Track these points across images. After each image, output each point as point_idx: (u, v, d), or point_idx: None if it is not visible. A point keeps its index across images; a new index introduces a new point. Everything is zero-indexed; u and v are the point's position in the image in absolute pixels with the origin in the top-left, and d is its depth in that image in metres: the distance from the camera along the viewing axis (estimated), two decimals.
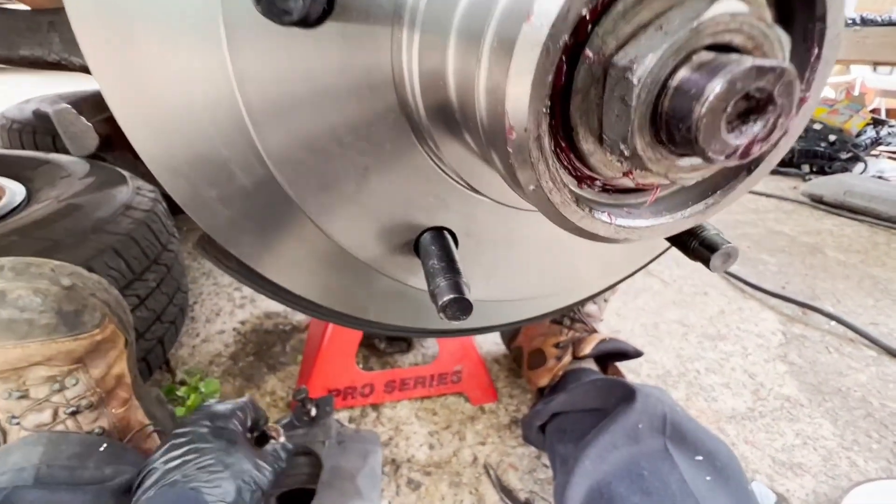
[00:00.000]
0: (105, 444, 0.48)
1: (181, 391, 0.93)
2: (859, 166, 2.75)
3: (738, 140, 0.13)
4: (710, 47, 0.13)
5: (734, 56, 0.12)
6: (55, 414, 0.48)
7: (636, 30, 0.17)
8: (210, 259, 0.39)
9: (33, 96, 2.00)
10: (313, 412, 0.71)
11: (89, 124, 0.27)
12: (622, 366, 0.95)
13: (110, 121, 0.27)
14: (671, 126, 0.14)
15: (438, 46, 0.24)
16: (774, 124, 0.13)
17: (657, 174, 0.17)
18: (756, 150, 0.13)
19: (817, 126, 2.86)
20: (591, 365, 0.93)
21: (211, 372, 1.03)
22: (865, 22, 2.33)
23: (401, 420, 0.93)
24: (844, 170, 2.74)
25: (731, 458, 0.68)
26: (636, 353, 0.92)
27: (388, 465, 0.83)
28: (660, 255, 0.53)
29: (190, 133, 0.29)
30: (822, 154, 2.84)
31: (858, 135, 2.82)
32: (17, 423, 0.47)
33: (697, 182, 0.21)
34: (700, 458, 0.67)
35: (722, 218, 2.16)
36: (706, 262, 0.20)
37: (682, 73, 0.14)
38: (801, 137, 2.94)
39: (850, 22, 2.37)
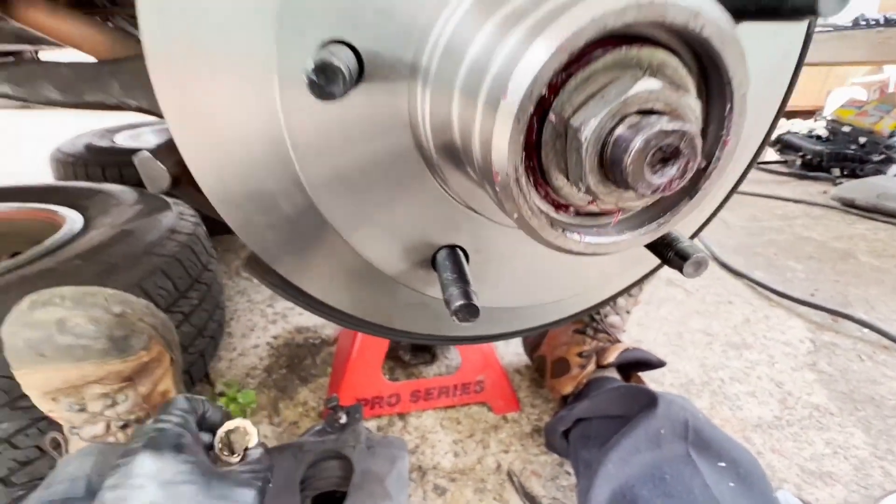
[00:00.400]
0: None
1: (221, 402, 0.99)
2: (893, 168, 2.66)
3: (660, 180, 0.17)
4: (641, 111, 0.17)
5: (653, 119, 0.16)
6: (108, 427, 0.54)
7: (586, 99, 0.22)
8: (256, 276, 0.44)
9: (83, 131, 2.17)
10: (344, 419, 0.75)
11: (164, 167, 0.33)
12: (645, 375, 0.96)
13: (179, 164, 0.33)
14: (612, 170, 0.19)
15: (445, 101, 0.29)
16: (685, 168, 0.17)
17: (611, 203, 0.22)
18: (676, 185, 0.17)
19: (846, 129, 2.80)
20: (615, 374, 0.94)
21: (247, 384, 1.09)
22: (889, 22, 2.28)
23: (426, 429, 0.96)
24: (877, 172, 2.66)
25: (754, 465, 0.68)
26: (659, 363, 0.93)
27: (414, 471, 0.86)
28: (659, 266, 0.55)
29: (245, 170, 0.35)
30: (852, 157, 2.76)
31: (891, 136, 2.73)
32: (77, 434, 0.53)
33: (651, 206, 0.26)
34: (723, 464, 0.68)
35: (746, 225, 2.13)
36: (681, 270, 0.23)
37: (618, 131, 0.19)
38: (829, 141, 2.88)
39: (872, 23, 2.33)
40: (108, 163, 1.78)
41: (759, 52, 0.36)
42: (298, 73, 0.26)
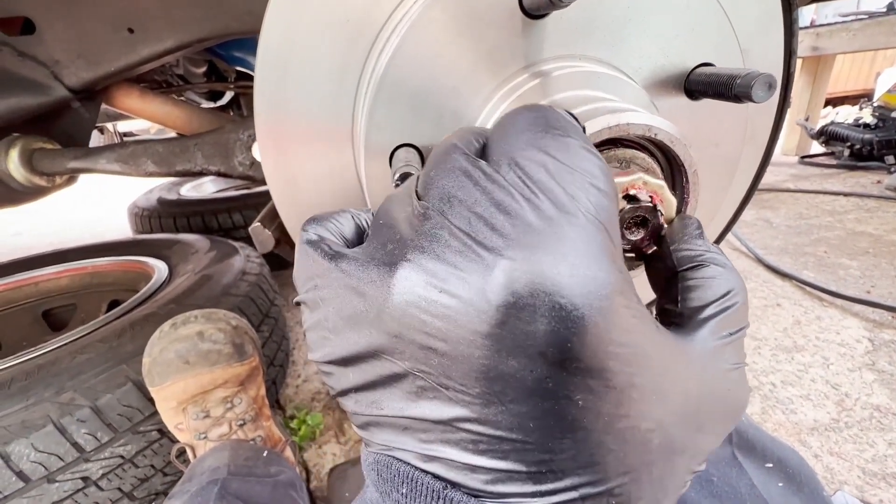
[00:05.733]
0: (266, 451, 0.63)
1: (293, 424, 1.10)
2: None
3: (635, 237, 0.24)
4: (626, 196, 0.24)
5: (632, 203, 0.23)
6: (230, 426, 0.65)
7: None
8: None
9: (153, 185, 2.43)
10: None
11: (269, 232, 0.42)
12: None
13: (279, 227, 0.43)
14: None
15: None
16: (651, 228, 0.24)
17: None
18: (648, 239, 0.24)
19: (895, 115, 2.66)
20: None
21: (313, 407, 1.20)
22: None
23: None
24: None
25: (802, 464, 0.70)
26: None
27: None
28: None
29: None
30: None
31: None
32: (204, 438, 0.64)
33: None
34: (770, 465, 0.70)
35: (793, 224, 2.07)
36: None
37: None
38: (878, 128, 2.75)
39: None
40: (177, 213, 1.99)
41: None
42: (379, 144, 0.34)
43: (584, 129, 0.21)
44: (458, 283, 0.17)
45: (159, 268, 1.22)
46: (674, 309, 0.23)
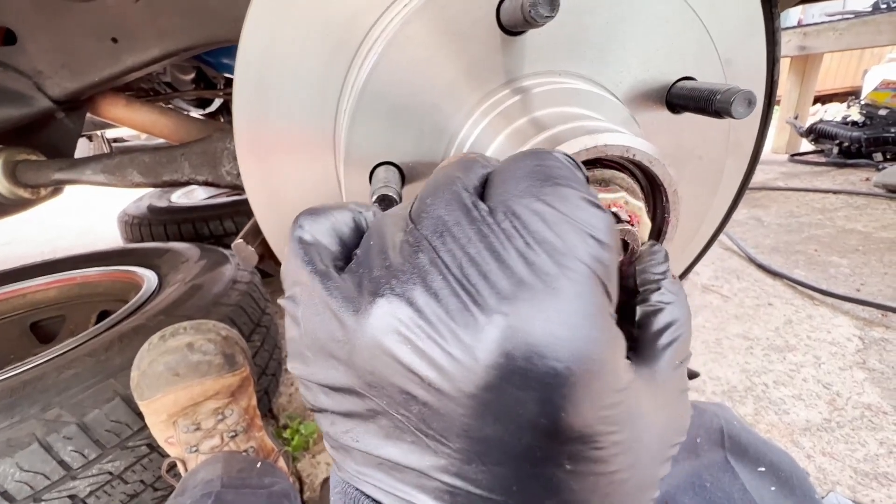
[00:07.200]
0: (259, 462, 0.63)
1: (286, 433, 1.09)
2: None
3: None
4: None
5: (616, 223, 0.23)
6: (222, 438, 0.64)
7: None
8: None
9: (144, 194, 2.41)
10: None
11: (252, 249, 0.42)
12: None
13: (262, 243, 0.42)
14: None
15: None
16: (632, 248, 0.24)
17: None
18: (627, 262, 0.24)
19: (882, 112, 2.69)
20: None
21: (307, 415, 1.18)
22: None
23: None
24: None
25: (794, 467, 0.70)
26: (691, 375, 0.95)
27: None
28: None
29: None
30: (893, 140, 2.65)
31: None
32: (196, 451, 0.63)
33: None
34: (762, 468, 0.70)
35: (783, 222, 2.08)
36: None
37: None
38: (866, 125, 2.78)
39: (893, 5, 2.27)
40: (168, 221, 1.97)
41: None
42: (360, 161, 0.34)
43: (587, 178, 0.20)
44: (446, 331, 0.16)
45: (149, 278, 1.21)
46: (631, 332, 0.23)
